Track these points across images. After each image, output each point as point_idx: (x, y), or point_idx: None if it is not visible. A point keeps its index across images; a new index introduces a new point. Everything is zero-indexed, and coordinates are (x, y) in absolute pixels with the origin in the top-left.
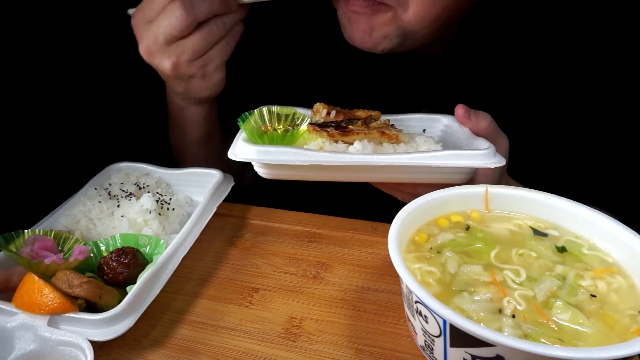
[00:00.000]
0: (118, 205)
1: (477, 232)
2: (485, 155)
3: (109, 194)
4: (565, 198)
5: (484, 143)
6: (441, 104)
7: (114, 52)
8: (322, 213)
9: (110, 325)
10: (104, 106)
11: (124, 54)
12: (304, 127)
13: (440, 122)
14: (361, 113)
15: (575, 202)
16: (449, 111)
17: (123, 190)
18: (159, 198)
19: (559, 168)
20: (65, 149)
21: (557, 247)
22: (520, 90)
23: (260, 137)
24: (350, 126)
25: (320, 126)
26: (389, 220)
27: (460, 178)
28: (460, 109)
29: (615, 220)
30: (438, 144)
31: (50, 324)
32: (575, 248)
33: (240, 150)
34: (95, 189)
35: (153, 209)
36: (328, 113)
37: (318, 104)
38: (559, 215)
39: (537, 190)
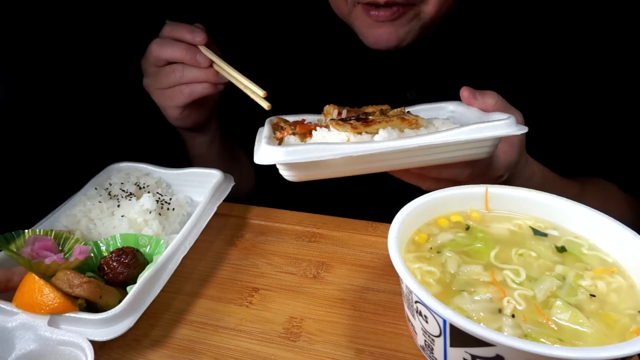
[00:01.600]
0: (118, 205)
1: (477, 232)
2: (507, 125)
3: (109, 194)
4: (565, 198)
5: (501, 115)
6: (439, 89)
7: (114, 53)
8: (322, 213)
9: (110, 325)
10: (104, 106)
11: (125, 55)
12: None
13: (446, 110)
14: (370, 108)
15: (575, 202)
16: (452, 95)
17: (123, 190)
18: (159, 198)
19: (562, 147)
20: (65, 149)
21: (557, 247)
22: (521, 71)
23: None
24: (370, 117)
25: (342, 120)
26: (389, 220)
27: (485, 152)
28: (465, 91)
29: (616, 220)
30: (455, 124)
31: (50, 323)
32: (575, 248)
33: (266, 153)
34: (96, 189)
35: (153, 209)
36: (339, 113)
37: (328, 105)
38: (559, 215)
39: (537, 190)
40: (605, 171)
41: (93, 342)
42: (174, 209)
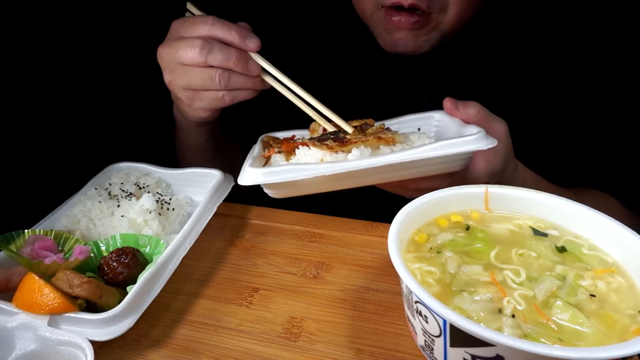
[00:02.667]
0: (118, 205)
1: (477, 232)
2: (475, 140)
3: (109, 194)
4: (565, 198)
5: (474, 129)
6: (451, 96)
7: (115, 53)
8: (322, 213)
9: (110, 325)
10: (104, 106)
11: (125, 55)
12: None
13: (433, 118)
14: (356, 123)
15: (575, 202)
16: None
17: (123, 190)
18: (159, 198)
19: (562, 157)
20: (65, 149)
21: (557, 247)
22: (524, 79)
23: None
24: (347, 136)
25: (320, 140)
26: (389, 220)
27: (458, 165)
28: (447, 102)
29: (616, 220)
30: (430, 138)
31: (50, 323)
32: (575, 248)
33: (247, 175)
34: (96, 189)
35: (153, 209)
36: (325, 130)
37: (314, 122)
38: (559, 215)
39: (537, 190)
40: (607, 185)
41: (93, 342)
42: (174, 209)
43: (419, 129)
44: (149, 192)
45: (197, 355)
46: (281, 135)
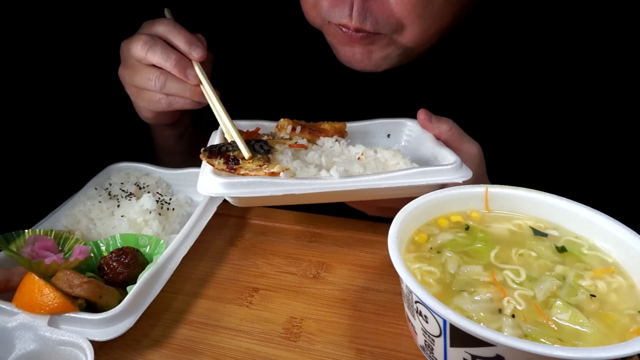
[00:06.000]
0: (118, 205)
1: (477, 232)
2: (451, 170)
3: (109, 194)
4: (565, 198)
5: (450, 156)
6: (427, 108)
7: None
8: (322, 213)
9: (110, 325)
10: (104, 106)
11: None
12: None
13: (405, 126)
14: (326, 126)
15: (575, 202)
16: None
17: (123, 190)
18: (159, 198)
19: (554, 170)
20: (65, 149)
21: (557, 247)
22: (511, 92)
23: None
24: (240, 161)
25: (211, 155)
26: (389, 220)
27: (429, 191)
28: (421, 114)
29: (615, 220)
30: (406, 157)
31: (50, 323)
32: (575, 248)
33: (206, 184)
34: (96, 189)
35: (153, 209)
36: (293, 129)
37: (282, 120)
38: (559, 215)
39: (537, 190)
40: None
41: (93, 342)
42: (174, 209)
43: (388, 136)
44: (149, 192)
45: (197, 355)
46: (247, 124)
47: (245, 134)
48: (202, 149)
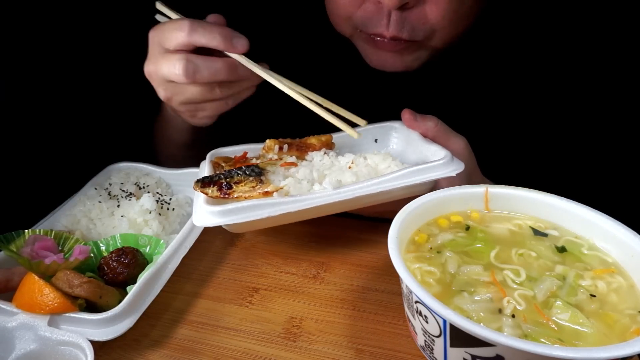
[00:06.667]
0: (118, 205)
1: (477, 232)
2: (443, 165)
3: (109, 194)
4: (565, 198)
5: (440, 151)
6: (441, 111)
7: (114, 52)
8: None
9: (110, 325)
10: (104, 106)
11: (125, 54)
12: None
13: (391, 129)
14: (313, 140)
15: (575, 202)
16: (452, 119)
17: (123, 190)
18: (159, 198)
19: (562, 170)
20: (65, 149)
21: (557, 247)
22: (511, 92)
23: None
24: (233, 185)
25: (204, 185)
26: (389, 220)
27: (424, 189)
28: (406, 114)
29: (615, 220)
30: (396, 159)
31: (50, 323)
32: (575, 248)
33: (203, 215)
34: (95, 189)
35: (153, 209)
36: (280, 148)
37: (269, 140)
38: (559, 215)
39: (537, 190)
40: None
41: (93, 342)
42: (174, 209)
43: (375, 140)
44: (149, 192)
45: (197, 355)
46: (232, 151)
47: (234, 160)
48: (195, 180)
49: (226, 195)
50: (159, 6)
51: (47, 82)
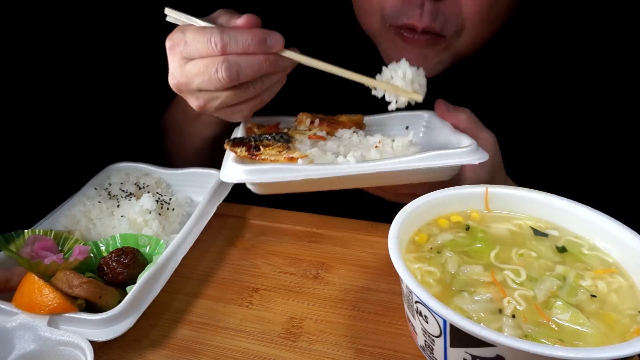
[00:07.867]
0: (118, 205)
1: (477, 232)
2: (467, 152)
3: (109, 194)
4: (565, 198)
5: (466, 140)
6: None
7: (115, 52)
8: (322, 213)
9: (110, 325)
10: (104, 106)
11: (125, 54)
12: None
13: (422, 118)
14: (344, 118)
15: (575, 202)
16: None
17: (123, 190)
18: (159, 198)
19: (562, 169)
20: (65, 149)
21: (557, 247)
22: (516, 94)
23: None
24: (261, 148)
25: (234, 145)
26: (389, 220)
27: (447, 175)
28: (439, 104)
29: (616, 220)
30: (417, 146)
31: (50, 324)
32: (576, 248)
33: (231, 171)
34: (95, 189)
35: (153, 209)
36: (312, 122)
37: (301, 113)
38: (559, 215)
39: (537, 190)
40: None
41: (93, 343)
42: (173, 209)
43: (407, 127)
44: (148, 192)
45: (197, 355)
46: (266, 120)
47: (266, 128)
48: (227, 139)
49: (253, 157)
50: (168, 11)
51: (47, 82)
